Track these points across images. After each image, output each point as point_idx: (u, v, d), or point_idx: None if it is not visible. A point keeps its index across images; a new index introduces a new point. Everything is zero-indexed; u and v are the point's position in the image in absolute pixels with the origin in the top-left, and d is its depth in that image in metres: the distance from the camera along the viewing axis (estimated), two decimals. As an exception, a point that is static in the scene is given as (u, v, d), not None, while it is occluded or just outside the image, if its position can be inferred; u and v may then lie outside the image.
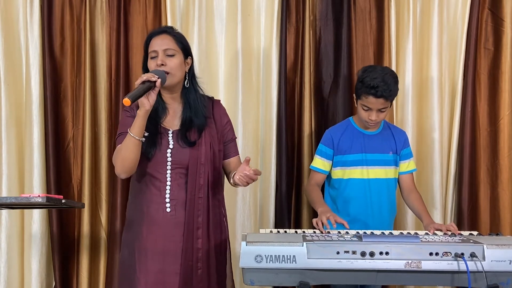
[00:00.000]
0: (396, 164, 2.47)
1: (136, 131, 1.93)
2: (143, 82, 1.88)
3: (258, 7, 2.97)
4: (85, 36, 2.97)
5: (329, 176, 2.52)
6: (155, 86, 1.91)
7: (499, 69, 2.94)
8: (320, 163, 2.47)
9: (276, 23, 2.91)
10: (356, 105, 2.42)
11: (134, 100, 1.83)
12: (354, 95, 2.43)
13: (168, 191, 2.06)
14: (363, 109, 2.34)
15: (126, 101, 1.79)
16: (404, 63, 2.95)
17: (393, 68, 2.90)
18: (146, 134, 1.99)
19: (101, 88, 3.00)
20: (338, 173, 2.46)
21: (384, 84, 2.24)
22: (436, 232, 2.10)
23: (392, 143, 2.47)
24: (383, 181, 2.43)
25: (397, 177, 2.49)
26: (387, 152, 2.45)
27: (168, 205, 2.05)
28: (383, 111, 2.33)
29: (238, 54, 2.96)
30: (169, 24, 2.89)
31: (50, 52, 2.95)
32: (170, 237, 2.05)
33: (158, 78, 1.91)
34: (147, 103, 1.90)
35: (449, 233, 2.05)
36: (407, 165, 2.49)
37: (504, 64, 2.93)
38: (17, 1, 2.97)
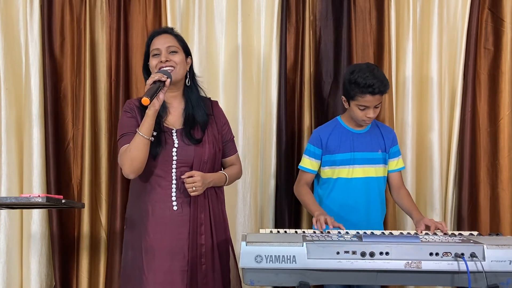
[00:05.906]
0: (385, 162, 2.46)
1: (145, 131, 1.97)
2: (154, 82, 1.95)
3: (258, 7, 2.98)
4: (85, 36, 2.97)
5: (318, 175, 2.51)
6: (164, 85, 1.97)
7: (499, 69, 2.94)
8: (308, 163, 2.47)
9: (276, 23, 2.91)
10: (347, 106, 2.41)
11: (152, 98, 1.91)
12: (343, 97, 2.40)
13: (174, 190, 2.08)
14: (359, 109, 2.33)
15: (145, 100, 1.87)
16: (404, 63, 2.94)
17: (393, 68, 2.91)
18: (155, 133, 2.03)
19: (101, 88, 3.00)
20: (328, 172, 2.45)
21: (378, 81, 2.26)
22: (432, 232, 2.09)
23: (381, 141, 2.47)
24: (373, 179, 2.43)
25: (386, 175, 2.48)
26: (376, 150, 2.45)
27: (174, 203, 2.08)
28: (378, 107, 2.35)
29: (238, 54, 2.96)
30: (169, 24, 2.90)
31: (50, 52, 2.95)
32: (177, 235, 2.07)
33: (167, 78, 1.97)
34: (156, 102, 1.97)
35: (438, 231, 2.05)
36: (396, 163, 2.49)
37: (504, 64, 2.93)
38: (17, 1, 2.97)
